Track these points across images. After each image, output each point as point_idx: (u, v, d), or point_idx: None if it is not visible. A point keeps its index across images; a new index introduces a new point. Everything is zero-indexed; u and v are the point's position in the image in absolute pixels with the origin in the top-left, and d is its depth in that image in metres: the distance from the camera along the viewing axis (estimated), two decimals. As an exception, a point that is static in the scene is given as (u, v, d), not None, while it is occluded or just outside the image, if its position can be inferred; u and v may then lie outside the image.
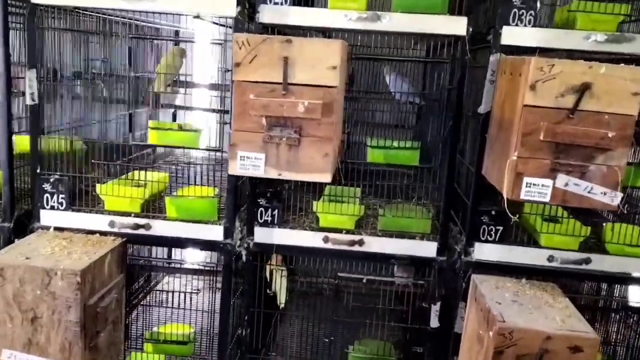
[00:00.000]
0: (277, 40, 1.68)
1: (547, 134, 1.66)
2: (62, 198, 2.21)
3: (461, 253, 2.23)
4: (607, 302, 2.46)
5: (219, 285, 2.30)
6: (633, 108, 1.65)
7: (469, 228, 2.20)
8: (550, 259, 2.18)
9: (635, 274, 2.16)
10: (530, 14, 2.02)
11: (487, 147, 2.07)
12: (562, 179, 1.70)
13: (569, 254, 2.18)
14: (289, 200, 2.34)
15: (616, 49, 1.99)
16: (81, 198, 2.28)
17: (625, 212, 1.86)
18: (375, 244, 2.20)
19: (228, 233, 2.18)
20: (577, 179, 1.69)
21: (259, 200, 2.18)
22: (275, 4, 1.99)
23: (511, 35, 2.02)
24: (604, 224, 2.25)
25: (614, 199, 1.70)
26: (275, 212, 2.20)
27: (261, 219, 2.20)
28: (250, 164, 1.73)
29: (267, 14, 2.01)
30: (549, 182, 1.70)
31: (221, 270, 2.20)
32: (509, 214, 1.90)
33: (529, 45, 2.03)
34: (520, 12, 2.02)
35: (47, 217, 2.25)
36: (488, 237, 2.20)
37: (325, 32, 2.39)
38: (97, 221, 2.22)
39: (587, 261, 2.17)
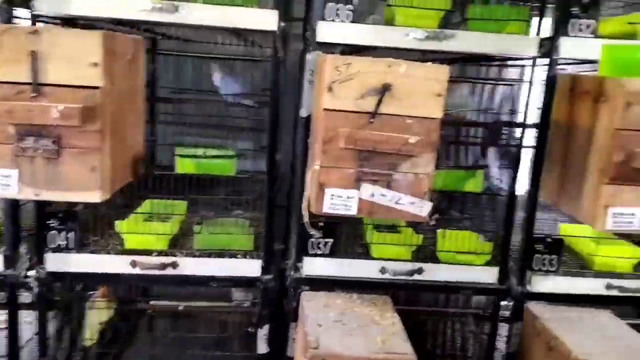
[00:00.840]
0: (22, 30, 1.38)
1: (347, 141, 1.49)
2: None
3: (290, 269, 2.04)
4: (451, 309, 2.38)
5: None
6: (437, 110, 1.52)
7: (297, 241, 2.01)
8: (383, 270, 2.05)
9: (467, 283, 2.08)
10: (349, 9, 1.85)
11: (309, 155, 1.88)
12: (367, 190, 1.53)
13: (401, 264, 2.05)
14: (96, 219, 2.03)
15: (437, 47, 1.88)
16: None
17: (434, 222, 1.74)
18: (191, 266, 1.95)
19: (9, 262, 1.84)
20: (383, 189, 1.54)
21: (49, 222, 1.86)
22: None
23: (326, 31, 1.84)
24: (437, 231, 2.15)
25: (422, 208, 1.56)
26: (71, 234, 1.88)
27: (54, 243, 1.88)
28: (-2, 182, 1.41)
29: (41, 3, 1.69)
30: (354, 193, 1.54)
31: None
32: (309, 229, 1.73)
33: (348, 42, 1.87)
34: (337, 7, 1.85)
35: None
36: (318, 250, 2.02)
37: (133, 26, 2.10)
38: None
39: (420, 271, 2.06)
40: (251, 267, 1.96)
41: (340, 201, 1.53)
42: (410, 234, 2.09)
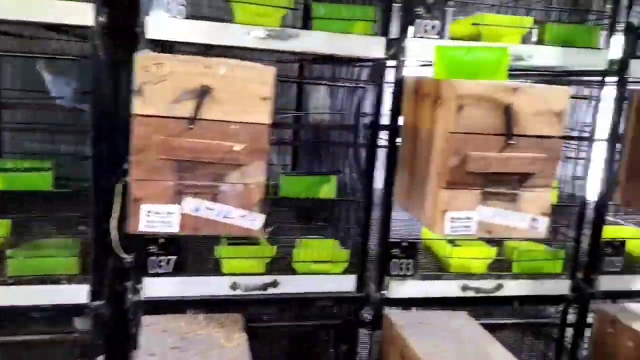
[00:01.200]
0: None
1: (162, 150, 1.33)
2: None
3: (130, 292, 1.83)
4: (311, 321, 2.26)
5: None
6: (264, 115, 1.39)
7: (134, 260, 1.81)
8: (234, 286, 1.90)
9: (325, 293, 1.99)
10: (180, 3, 1.69)
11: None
12: (189, 204, 1.38)
13: (254, 278, 1.92)
14: None
15: (281, 46, 1.76)
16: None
17: (267, 236, 1.62)
18: (3, 296, 1.69)
19: None
20: (208, 202, 1.39)
21: None
22: None
23: (156, 27, 1.66)
24: (297, 240, 2.04)
25: (254, 221, 1.43)
26: None
27: None
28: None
29: None
30: (174, 208, 1.38)
31: None
32: (120, 252, 1.55)
33: (182, 40, 1.70)
34: (168, 0, 1.68)
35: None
36: (159, 269, 1.84)
37: None
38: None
39: (274, 284, 1.93)
40: (77, 293, 1.74)
41: (158, 218, 1.37)
42: (262, 245, 1.96)
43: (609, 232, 2.47)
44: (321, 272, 1.98)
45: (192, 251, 2.01)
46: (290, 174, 2.00)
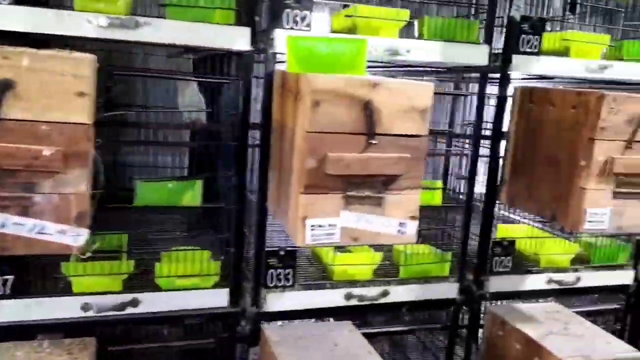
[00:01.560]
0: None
1: (-52, 156, 1.10)
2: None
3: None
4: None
5: None
6: (82, 114, 1.19)
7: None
8: (86, 307, 1.69)
9: (193, 310, 1.80)
10: (4, -15, 1.46)
11: None
12: (-6, 219, 1.16)
13: (109, 298, 1.71)
14: None
15: (127, 36, 1.57)
16: None
17: (89, 255, 1.42)
18: None
19: None
20: (17, 217, 1.18)
21: None
22: None
23: None
24: (162, 253, 1.85)
25: (76, 237, 1.23)
26: None
27: None
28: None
29: None
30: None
31: None
32: None
33: (8, 29, 1.47)
34: (-12, -18, 1.45)
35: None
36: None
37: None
38: None
39: (134, 303, 1.74)
40: None
41: (-49, 237, 1.14)
42: (123, 260, 1.76)
43: (502, 231, 2.44)
44: (188, 287, 1.80)
45: (37, 269, 1.77)
46: (148, 179, 1.79)
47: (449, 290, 2.09)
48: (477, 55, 1.93)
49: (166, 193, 1.73)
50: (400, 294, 2.01)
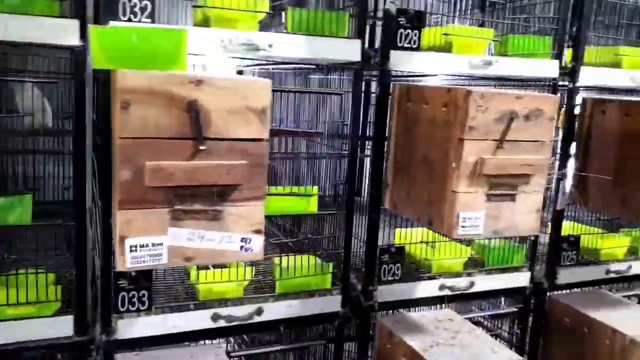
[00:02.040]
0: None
1: None
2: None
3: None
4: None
5: None
6: None
7: None
8: None
9: (29, 342, 1.58)
10: None
11: None
12: None
13: None
14: None
15: None
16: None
17: None
18: None
19: None
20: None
21: None
22: None
23: None
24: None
25: None
26: None
27: None
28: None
29: None
30: None
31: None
32: None
33: None
34: None
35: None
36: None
37: None
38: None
39: (-47, 340, 1.49)
40: None
41: None
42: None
43: (399, 236, 2.32)
44: (24, 316, 1.57)
45: None
46: None
47: (332, 303, 1.95)
48: (348, 51, 1.79)
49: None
50: (276, 311, 1.85)
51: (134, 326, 1.68)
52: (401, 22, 1.87)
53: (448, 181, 1.61)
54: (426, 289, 2.13)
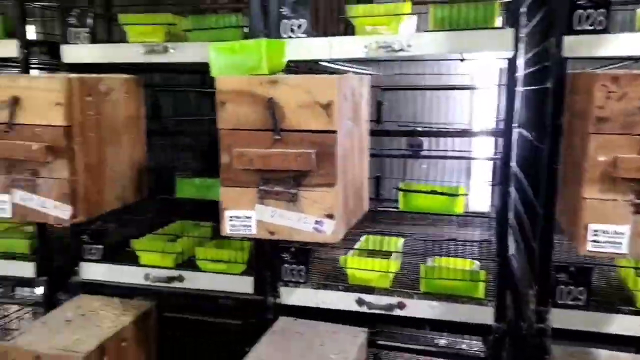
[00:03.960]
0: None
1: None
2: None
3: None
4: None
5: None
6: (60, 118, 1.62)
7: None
8: (147, 277, 2.12)
9: (223, 292, 2.05)
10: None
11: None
12: (16, 195, 1.69)
13: (162, 271, 2.10)
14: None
15: (160, 59, 1.95)
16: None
17: None
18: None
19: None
20: (28, 193, 1.68)
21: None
22: None
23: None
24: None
25: (65, 211, 1.66)
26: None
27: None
28: None
29: None
30: (5, 197, 1.70)
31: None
32: None
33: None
34: None
35: None
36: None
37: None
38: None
39: (180, 279, 2.09)
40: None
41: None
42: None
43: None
44: (218, 271, 2.05)
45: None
46: (184, 175, 2.14)
47: (484, 315, 1.80)
48: (499, 41, 1.66)
49: (196, 188, 2.04)
50: (419, 309, 1.85)
51: (293, 295, 1.97)
52: (579, 2, 1.61)
53: (579, 185, 1.34)
54: (622, 324, 1.72)
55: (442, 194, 1.77)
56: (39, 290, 2.26)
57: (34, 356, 1.74)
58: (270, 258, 1.98)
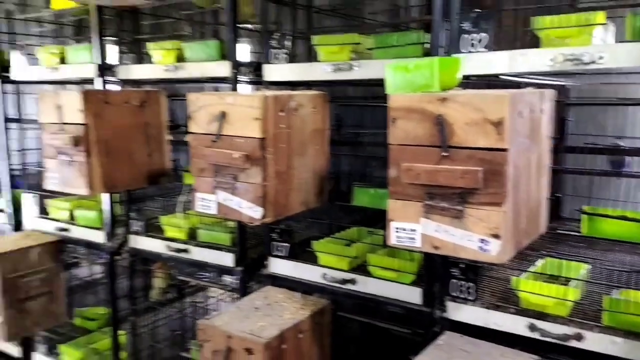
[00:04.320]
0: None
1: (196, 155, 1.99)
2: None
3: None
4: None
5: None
6: (257, 131, 1.86)
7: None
8: (324, 276, 2.30)
9: (392, 299, 2.13)
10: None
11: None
12: (220, 196, 1.98)
13: (339, 273, 2.26)
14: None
15: (344, 76, 2.11)
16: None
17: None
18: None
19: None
20: (229, 194, 1.96)
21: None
22: None
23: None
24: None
25: (256, 212, 1.90)
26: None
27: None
28: None
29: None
30: (212, 197, 2.00)
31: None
32: None
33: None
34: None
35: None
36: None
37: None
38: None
39: (353, 282, 2.22)
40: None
41: (202, 203, 2.02)
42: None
43: None
44: (388, 279, 2.13)
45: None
46: (361, 184, 2.24)
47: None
48: None
49: (371, 197, 2.14)
50: (599, 343, 1.69)
51: (459, 311, 1.96)
52: None
53: None
54: None
55: (634, 220, 1.60)
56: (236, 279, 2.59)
57: (226, 335, 2.02)
58: (439, 272, 2.00)
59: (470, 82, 1.83)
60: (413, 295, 2.08)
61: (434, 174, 1.47)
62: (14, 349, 3.57)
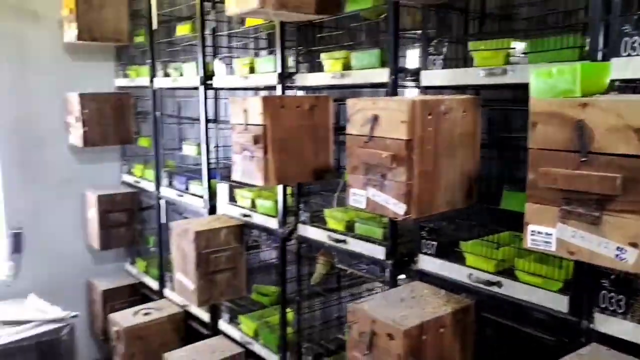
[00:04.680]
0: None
1: (353, 154, 2.20)
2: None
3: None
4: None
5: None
6: (403, 133, 2.01)
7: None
8: (470, 276, 2.37)
9: (537, 305, 2.11)
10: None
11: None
12: (369, 192, 2.18)
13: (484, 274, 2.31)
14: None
15: (497, 80, 2.16)
16: None
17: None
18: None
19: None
20: (377, 191, 2.14)
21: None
22: None
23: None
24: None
25: (400, 208, 2.06)
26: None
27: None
28: None
29: (291, 80, 3.09)
30: (363, 192, 2.21)
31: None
32: None
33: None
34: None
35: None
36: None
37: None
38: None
39: (499, 284, 2.25)
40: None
41: (355, 197, 2.23)
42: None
43: None
44: (534, 284, 2.11)
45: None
46: (511, 188, 2.22)
47: None
48: None
49: (520, 201, 2.13)
50: None
51: (608, 324, 1.88)
52: None
53: None
54: None
55: None
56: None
57: (371, 319, 2.20)
58: (589, 281, 1.94)
59: (630, 86, 1.76)
60: (559, 304, 2.04)
61: (572, 179, 1.47)
62: (205, 315, 4.20)
